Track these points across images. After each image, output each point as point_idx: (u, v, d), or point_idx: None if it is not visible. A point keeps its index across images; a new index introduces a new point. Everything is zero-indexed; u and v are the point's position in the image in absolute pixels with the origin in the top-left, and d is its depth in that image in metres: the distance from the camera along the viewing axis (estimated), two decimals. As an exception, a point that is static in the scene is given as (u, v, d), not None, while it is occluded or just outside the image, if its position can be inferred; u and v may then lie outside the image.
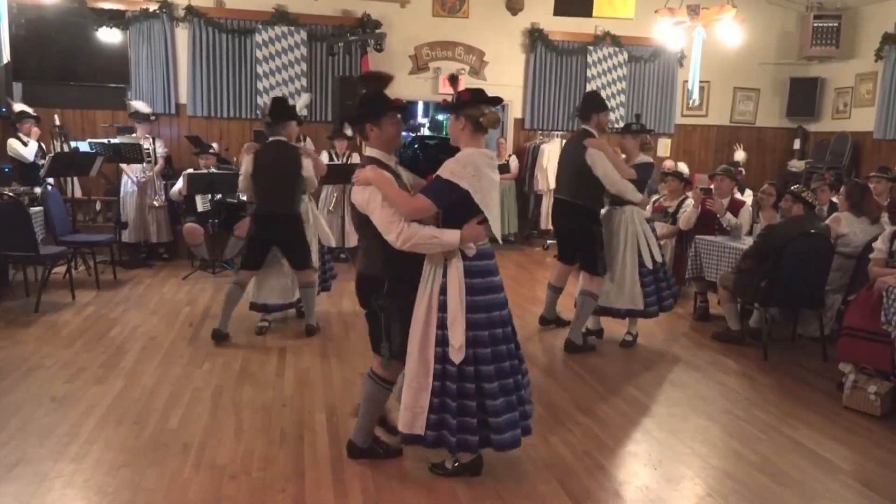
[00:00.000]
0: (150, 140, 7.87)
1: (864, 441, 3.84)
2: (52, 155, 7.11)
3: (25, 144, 7.39)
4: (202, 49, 8.84)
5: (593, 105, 5.18)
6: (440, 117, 13.62)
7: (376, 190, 3.01)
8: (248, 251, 5.29)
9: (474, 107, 3.12)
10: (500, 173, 3.31)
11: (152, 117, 8.10)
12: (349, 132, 8.06)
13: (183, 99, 8.90)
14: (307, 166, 5.14)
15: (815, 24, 9.85)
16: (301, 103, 8.03)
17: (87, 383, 4.28)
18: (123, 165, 7.81)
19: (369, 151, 3.22)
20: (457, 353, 3.03)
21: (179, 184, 7.45)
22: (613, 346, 5.36)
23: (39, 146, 7.61)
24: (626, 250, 5.14)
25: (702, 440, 3.79)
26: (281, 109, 5.17)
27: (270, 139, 5.16)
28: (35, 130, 7.49)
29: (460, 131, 3.15)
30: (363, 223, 3.14)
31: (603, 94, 10.10)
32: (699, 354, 5.25)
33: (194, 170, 7.51)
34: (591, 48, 10.03)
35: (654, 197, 7.67)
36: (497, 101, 3.19)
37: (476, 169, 3.03)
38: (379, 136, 3.17)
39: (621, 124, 10.02)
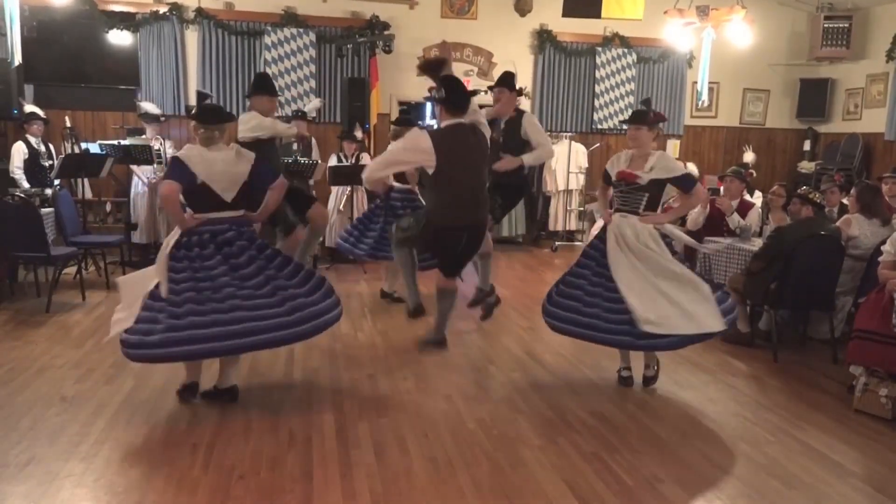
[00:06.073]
0: (160, 141, 7.91)
1: (875, 444, 3.81)
2: (62, 157, 7.16)
3: (35, 147, 7.45)
4: (212, 51, 8.90)
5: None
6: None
7: None
8: None
9: (661, 123, 4.49)
10: None
11: (162, 118, 8.15)
12: (359, 134, 8.08)
13: (192, 101, 8.92)
14: None
15: (826, 25, 9.79)
16: (311, 106, 8.04)
17: (97, 383, 4.30)
18: (134, 167, 7.85)
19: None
20: None
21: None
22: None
23: (47, 147, 7.67)
24: None
25: (711, 442, 3.77)
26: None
27: None
28: (37, 129, 7.53)
29: (652, 138, 4.32)
30: None
31: (612, 95, 10.15)
32: (708, 356, 5.23)
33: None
34: (599, 49, 10.02)
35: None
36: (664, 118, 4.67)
37: None
38: None
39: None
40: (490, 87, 5.50)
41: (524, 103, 9.34)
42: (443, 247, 4.08)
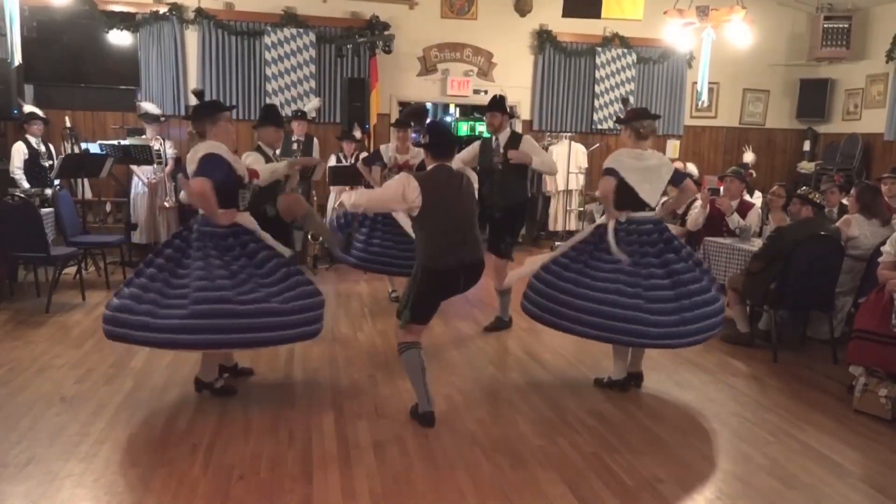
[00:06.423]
0: (160, 141, 7.91)
1: (875, 445, 3.82)
2: (62, 157, 7.16)
3: (34, 147, 7.44)
4: (211, 51, 8.89)
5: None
6: (448, 119, 13.64)
7: None
8: None
9: (637, 120, 4.17)
10: None
11: (162, 118, 8.15)
12: (358, 134, 8.08)
13: (192, 101, 8.92)
14: None
15: (826, 26, 9.80)
16: (311, 106, 8.05)
17: (96, 383, 4.31)
18: (134, 167, 7.85)
19: None
20: None
21: (189, 185, 7.47)
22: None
23: (47, 147, 7.67)
24: None
25: (711, 442, 3.78)
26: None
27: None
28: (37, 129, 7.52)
29: (627, 137, 4.23)
30: None
31: (611, 95, 10.15)
32: (707, 357, 5.23)
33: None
34: (599, 49, 10.03)
35: (664, 198, 7.62)
36: (655, 116, 4.31)
37: (619, 162, 4.15)
38: None
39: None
40: (483, 112, 5.76)
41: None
42: (443, 292, 3.87)
